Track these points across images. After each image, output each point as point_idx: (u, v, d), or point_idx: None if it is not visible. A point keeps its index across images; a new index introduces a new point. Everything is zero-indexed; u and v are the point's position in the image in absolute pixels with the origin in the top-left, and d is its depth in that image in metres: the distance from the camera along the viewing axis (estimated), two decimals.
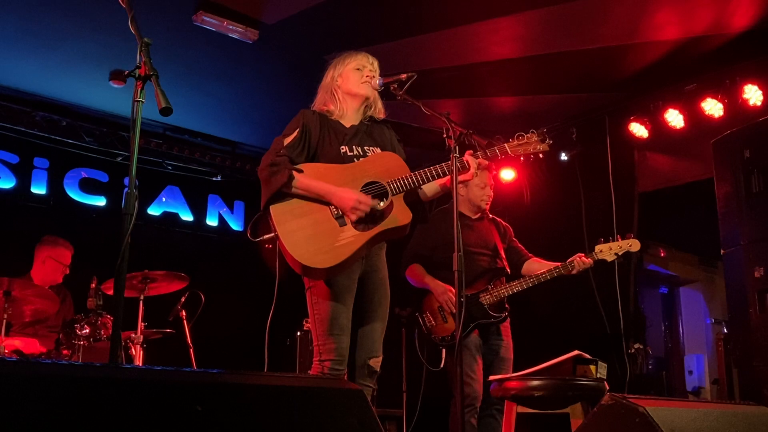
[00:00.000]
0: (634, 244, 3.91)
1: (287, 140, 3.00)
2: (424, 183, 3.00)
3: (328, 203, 2.93)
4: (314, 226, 2.90)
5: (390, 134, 3.26)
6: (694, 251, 8.85)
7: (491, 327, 4.04)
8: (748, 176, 4.21)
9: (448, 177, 2.96)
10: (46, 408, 1.39)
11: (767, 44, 4.95)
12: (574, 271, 3.93)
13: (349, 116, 3.16)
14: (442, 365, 4.01)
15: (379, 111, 3.23)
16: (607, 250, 3.92)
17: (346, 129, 3.13)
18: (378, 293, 3.07)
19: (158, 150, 6.75)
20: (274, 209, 2.92)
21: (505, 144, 3.08)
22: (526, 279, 3.97)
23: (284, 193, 2.91)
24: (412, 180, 2.96)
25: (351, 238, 2.88)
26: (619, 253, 3.92)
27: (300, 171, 2.93)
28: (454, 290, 3.86)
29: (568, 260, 3.95)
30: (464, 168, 2.98)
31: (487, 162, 3.10)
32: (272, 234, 2.94)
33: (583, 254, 3.95)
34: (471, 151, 3.04)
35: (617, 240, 3.93)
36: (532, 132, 3.08)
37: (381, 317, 3.08)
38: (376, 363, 3.04)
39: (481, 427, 3.95)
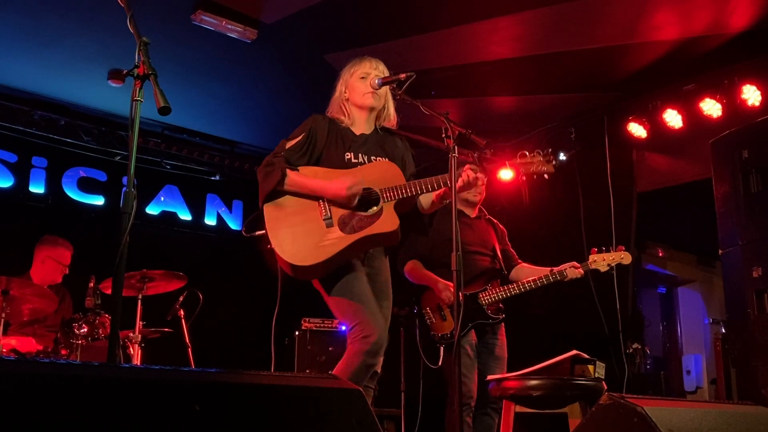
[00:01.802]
0: (625, 257, 3.97)
1: (290, 143, 3.06)
2: (417, 194, 3.01)
3: (318, 203, 2.97)
4: (302, 225, 2.96)
5: (403, 147, 3.28)
6: (692, 251, 8.87)
7: (486, 326, 4.05)
8: (746, 176, 4.22)
9: (442, 189, 3.00)
10: (44, 407, 1.38)
11: (766, 44, 4.95)
12: (566, 279, 3.97)
13: (359, 125, 3.20)
14: (440, 363, 4.02)
15: (390, 116, 3.24)
16: (601, 261, 3.97)
17: (355, 136, 3.16)
18: (381, 295, 3.09)
19: (157, 149, 6.76)
20: (267, 207, 3.00)
21: (507, 162, 3.08)
22: (523, 283, 3.99)
23: (279, 193, 2.97)
24: (405, 190, 2.99)
25: (335, 240, 2.92)
26: (612, 265, 3.99)
27: (295, 170, 2.98)
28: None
29: (561, 267, 3.98)
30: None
31: (484, 178, 3.10)
32: (263, 231, 2.99)
33: (576, 263, 3.99)
34: (470, 167, 3.04)
35: (611, 251, 3.99)
36: (537, 152, 3.06)
37: (383, 318, 3.07)
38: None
39: (477, 426, 3.96)
